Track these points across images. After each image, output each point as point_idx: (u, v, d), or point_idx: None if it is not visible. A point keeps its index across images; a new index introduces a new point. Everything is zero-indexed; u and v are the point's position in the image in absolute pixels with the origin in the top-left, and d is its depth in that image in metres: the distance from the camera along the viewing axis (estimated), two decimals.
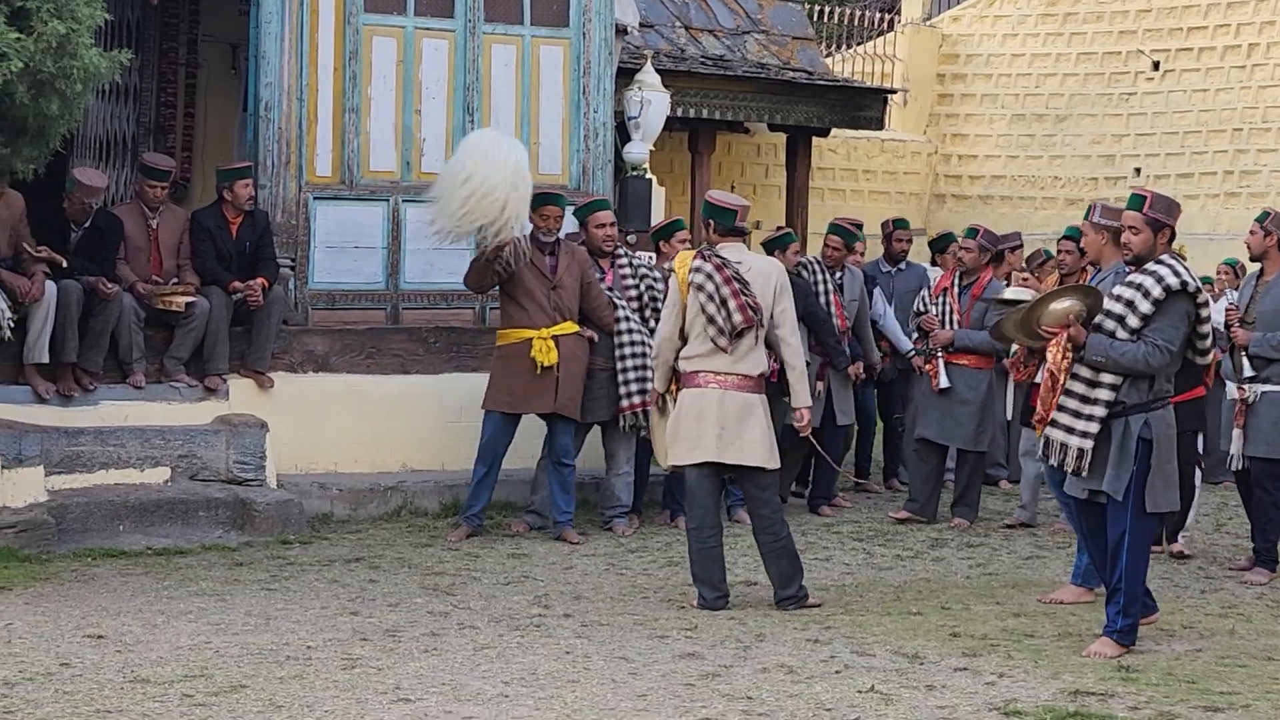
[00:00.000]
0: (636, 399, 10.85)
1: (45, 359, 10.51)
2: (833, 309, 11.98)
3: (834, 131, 19.13)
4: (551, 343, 10.67)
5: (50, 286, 10.38)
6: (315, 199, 11.81)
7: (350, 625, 8.01)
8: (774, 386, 9.43)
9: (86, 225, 10.92)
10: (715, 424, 8.53)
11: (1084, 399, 7.64)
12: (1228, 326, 10.09)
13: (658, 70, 14.54)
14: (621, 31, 13.16)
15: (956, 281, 11.77)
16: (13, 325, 10.09)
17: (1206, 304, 7.79)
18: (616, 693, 6.82)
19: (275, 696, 6.64)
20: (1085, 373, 7.64)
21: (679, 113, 16.13)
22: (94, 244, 10.92)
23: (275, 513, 10.41)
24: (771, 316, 8.70)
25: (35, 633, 7.67)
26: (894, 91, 20.28)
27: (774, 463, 8.66)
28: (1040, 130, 21.56)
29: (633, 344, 10.94)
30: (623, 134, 13.78)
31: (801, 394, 8.83)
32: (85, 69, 8.84)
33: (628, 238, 12.79)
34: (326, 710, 6.46)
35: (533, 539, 10.66)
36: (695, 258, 8.71)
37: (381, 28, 11.96)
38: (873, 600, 8.94)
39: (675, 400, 8.81)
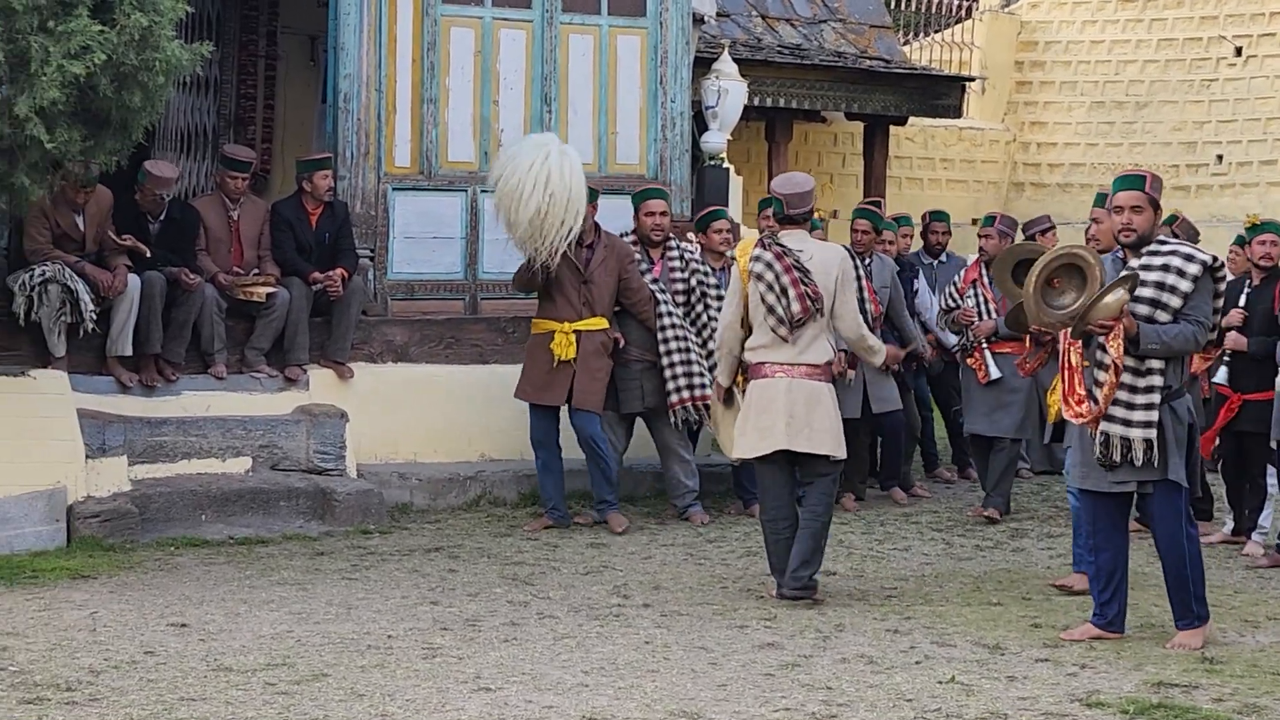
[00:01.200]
0: (685, 394, 10.81)
1: (129, 352, 10.60)
2: (865, 294, 11.85)
3: (911, 120, 19.09)
4: (572, 337, 10.61)
5: (133, 279, 10.47)
6: (394, 190, 11.87)
7: (430, 614, 8.05)
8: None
9: (162, 217, 11.00)
10: (784, 412, 8.48)
11: (1132, 389, 7.51)
12: None
13: (735, 59, 14.53)
14: (698, 21, 13.14)
15: (984, 272, 11.58)
16: (95, 317, 10.19)
17: (1223, 280, 7.67)
18: (696, 682, 6.83)
19: (357, 685, 6.68)
20: (1130, 361, 7.51)
21: (756, 102, 16.10)
22: (173, 236, 11.00)
23: (355, 502, 10.47)
24: (833, 306, 8.66)
25: (120, 621, 7.76)
26: (972, 79, 20.16)
27: (841, 452, 8.62)
28: (1120, 117, 21.37)
29: (676, 338, 10.87)
30: (700, 123, 13.76)
31: (875, 358, 9.06)
32: (167, 61, 8.89)
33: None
34: (408, 699, 6.50)
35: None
36: (756, 246, 8.68)
37: (459, 18, 12.00)
38: (953, 591, 8.90)
39: (743, 392, 8.78)
